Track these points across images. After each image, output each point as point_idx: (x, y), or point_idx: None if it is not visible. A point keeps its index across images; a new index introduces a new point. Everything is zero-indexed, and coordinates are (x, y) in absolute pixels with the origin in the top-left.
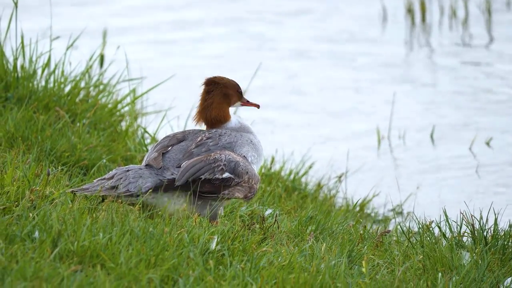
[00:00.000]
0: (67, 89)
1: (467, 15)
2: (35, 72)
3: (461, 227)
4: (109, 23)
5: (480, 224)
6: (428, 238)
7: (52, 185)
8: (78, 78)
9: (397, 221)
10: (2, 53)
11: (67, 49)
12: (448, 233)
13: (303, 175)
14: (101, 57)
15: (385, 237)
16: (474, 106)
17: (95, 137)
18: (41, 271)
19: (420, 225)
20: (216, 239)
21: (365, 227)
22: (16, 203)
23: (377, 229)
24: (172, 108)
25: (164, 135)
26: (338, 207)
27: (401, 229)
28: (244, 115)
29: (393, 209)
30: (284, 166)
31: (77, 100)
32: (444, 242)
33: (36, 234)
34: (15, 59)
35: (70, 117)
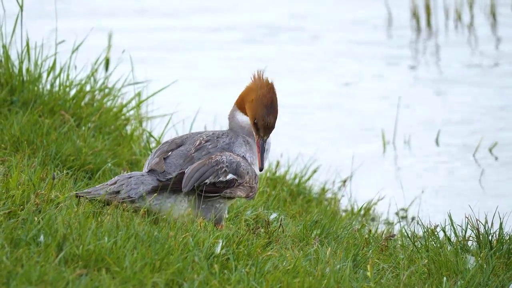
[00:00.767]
0: (72, 92)
1: (472, 18)
2: (40, 75)
3: (466, 231)
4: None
5: (485, 228)
6: (433, 242)
7: (57, 189)
8: (83, 82)
9: (401, 225)
10: (7, 56)
11: (72, 53)
12: (453, 237)
13: (307, 179)
14: (107, 61)
15: (390, 241)
16: (480, 109)
17: (100, 141)
18: (46, 275)
19: (425, 229)
20: (221, 243)
21: (370, 231)
22: (21, 207)
23: (382, 233)
24: (178, 112)
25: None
26: (342, 211)
27: (406, 233)
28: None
29: (397, 212)
30: (289, 170)
31: (83, 104)
32: (449, 246)
33: (41, 238)
34: (21, 62)
35: (75, 121)
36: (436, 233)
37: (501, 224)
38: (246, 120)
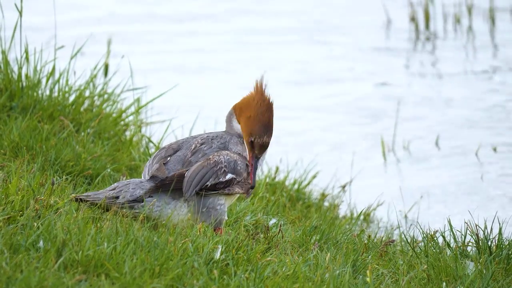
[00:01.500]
0: (72, 98)
1: (470, 23)
2: (39, 81)
3: (465, 237)
4: (114, 31)
5: (484, 233)
6: (433, 248)
7: (56, 194)
8: (82, 87)
9: (401, 230)
10: (6, 62)
11: (71, 58)
12: (452, 243)
13: (307, 185)
14: (106, 66)
15: (389, 246)
16: (479, 113)
17: (99, 146)
18: (45, 281)
19: (425, 234)
20: (220, 249)
21: (369, 236)
22: (21, 212)
23: (381, 239)
24: (177, 117)
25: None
26: (342, 216)
27: (405, 239)
28: None
29: (396, 218)
30: (289, 175)
31: (82, 109)
32: (448, 251)
33: (41, 243)
34: (20, 68)
35: (74, 127)
36: (435, 238)
37: (500, 229)
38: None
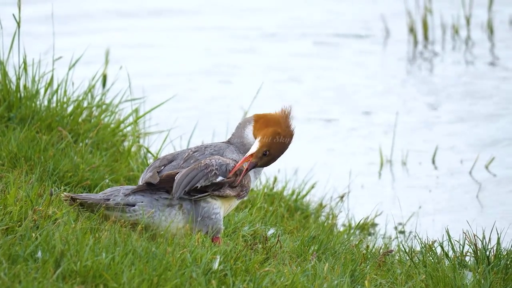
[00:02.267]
0: (70, 109)
1: (469, 33)
2: (37, 92)
3: (463, 247)
4: (112, 42)
5: (482, 243)
6: (431, 258)
7: (54, 205)
8: (80, 98)
9: (399, 240)
10: (4, 72)
11: (69, 69)
12: (450, 253)
13: (305, 195)
14: (104, 77)
15: (387, 256)
16: (477, 123)
17: (97, 157)
18: None
19: (423, 244)
20: (218, 259)
21: (367, 246)
22: (19, 223)
23: (380, 249)
24: (175, 128)
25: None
26: (340, 226)
27: (403, 249)
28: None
29: (395, 228)
30: (287, 185)
31: (80, 120)
32: (446, 261)
33: (39, 254)
34: (18, 78)
35: (72, 137)
36: (433, 248)
37: (498, 239)
38: (252, 141)
